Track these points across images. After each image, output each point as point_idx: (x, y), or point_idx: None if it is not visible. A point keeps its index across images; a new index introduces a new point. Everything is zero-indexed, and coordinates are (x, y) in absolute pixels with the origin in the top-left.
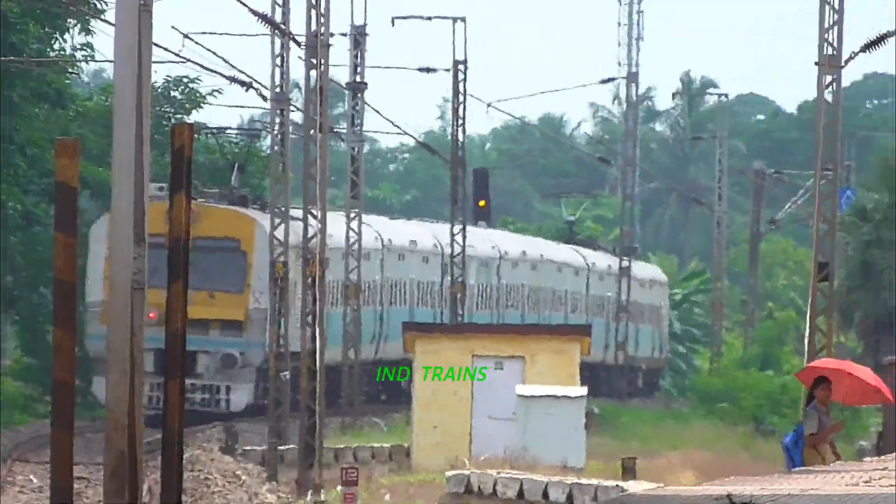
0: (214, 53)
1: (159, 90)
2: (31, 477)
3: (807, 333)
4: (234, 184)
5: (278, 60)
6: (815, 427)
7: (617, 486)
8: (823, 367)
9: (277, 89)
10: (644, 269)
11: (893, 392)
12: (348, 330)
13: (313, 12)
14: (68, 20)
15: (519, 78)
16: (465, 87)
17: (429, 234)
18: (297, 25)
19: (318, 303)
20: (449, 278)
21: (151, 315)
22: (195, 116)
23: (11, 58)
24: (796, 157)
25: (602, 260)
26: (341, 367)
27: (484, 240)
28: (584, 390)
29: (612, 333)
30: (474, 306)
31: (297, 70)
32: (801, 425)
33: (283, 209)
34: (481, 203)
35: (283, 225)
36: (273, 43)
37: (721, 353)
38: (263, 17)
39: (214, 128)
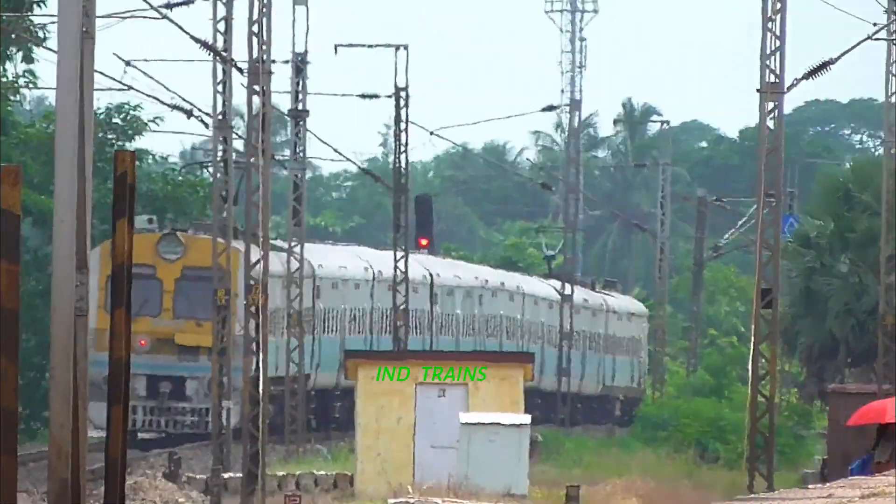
0: (156, 80)
1: (101, 117)
2: None
3: (750, 360)
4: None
5: (220, 87)
6: (886, 456)
7: None
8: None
9: (219, 116)
10: (622, 302)
11: (829, 420)
12: (292, 359)
13: (255, 39)
14: (10, 48)
15: (461, 105)
16: (407, 114)
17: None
18: (240, 52)
19: (260, 331)
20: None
21: (142, 342)
22: (137, 143)
23: None
24: (739, 184)
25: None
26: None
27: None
28: (527, 418)
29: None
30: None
31: (239, 97)
32: (870, 454)
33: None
34: (424, 242)
35: (225, 252)
36: (215, 70)
37: (664, 381)
38: (205, 45)
39: (160, 156)
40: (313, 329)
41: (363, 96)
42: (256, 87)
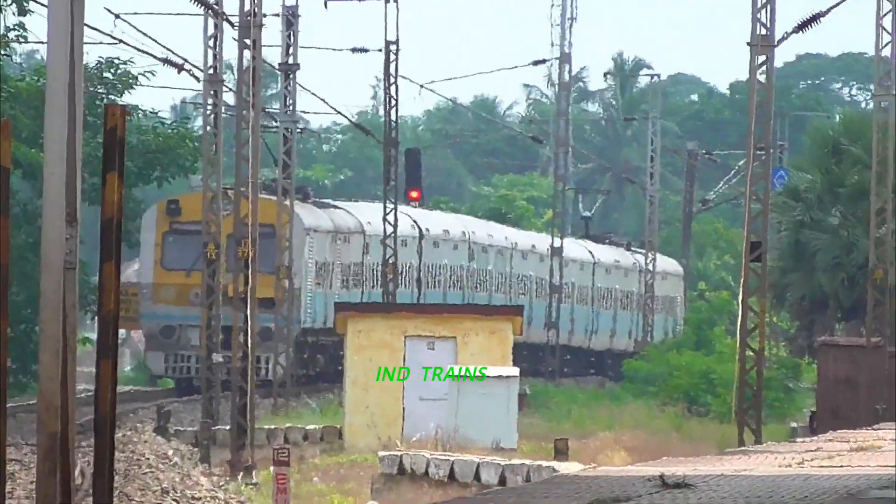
0: (146, 35)
1: (92, 71)
2: None
3: (739, 313)
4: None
5: (211, 41)
6: None
7: (549, 466)
8: None
9: (210, 70)
10: (663, 263)
11: (819, 374)
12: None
13: None
14: (2, 0)
15: (451, 59)
16: (397, 67)
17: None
18: (231, 6)
19: (248, 283)
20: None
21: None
22: (127, 98)
23: None
24: (729, 138)
25: (608, 254)
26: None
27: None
28: (515, 370)
29: (588, 317)
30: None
31: (229, 51)
32: None
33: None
34: (414, 195)
35: (215, 204)
36: (206, 24)
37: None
38: None
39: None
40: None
41: (353, 50)
42: (247, 41)
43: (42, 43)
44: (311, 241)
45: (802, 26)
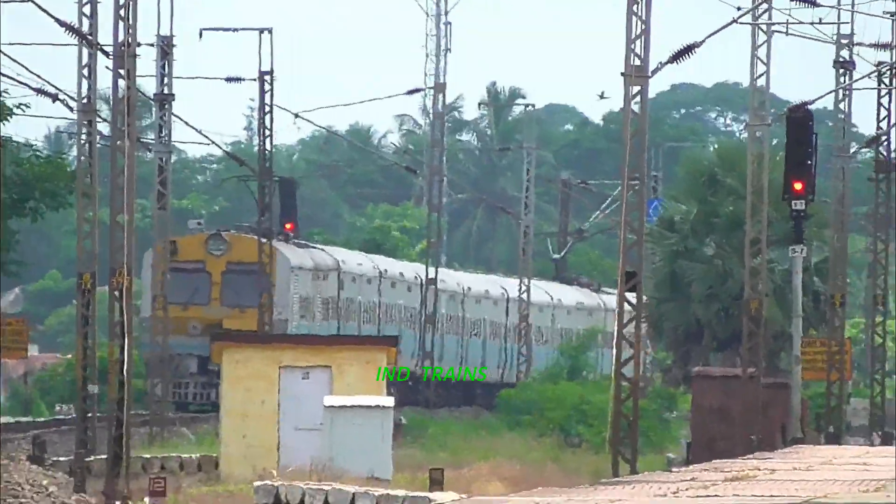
0: (21, 64)
1: None
2: None
3: (614, 344)
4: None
5: (85, 71)
6: None
7: (425, 497)
8: None
9: (84, 100)
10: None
11: (694, 404)
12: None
13: (121, 23)
14: None
15: (327, 89)
16: (272, 97)
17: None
18: (105, 35)
19: (124, 314)
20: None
21: (195, 327)
22: (1, 129)
23: None
24: (604, 167)
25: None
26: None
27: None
28: (390, 400)
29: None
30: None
31: (104, 80)
32: None
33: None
34: (288, 226)
35: (89, 238)
36: (80, 53)
37: (530, 364)
38: (70, 28)
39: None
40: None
41: (228, 80)
42: (122, 71)
43: None
44: (295, 278)
45: (677, 57)
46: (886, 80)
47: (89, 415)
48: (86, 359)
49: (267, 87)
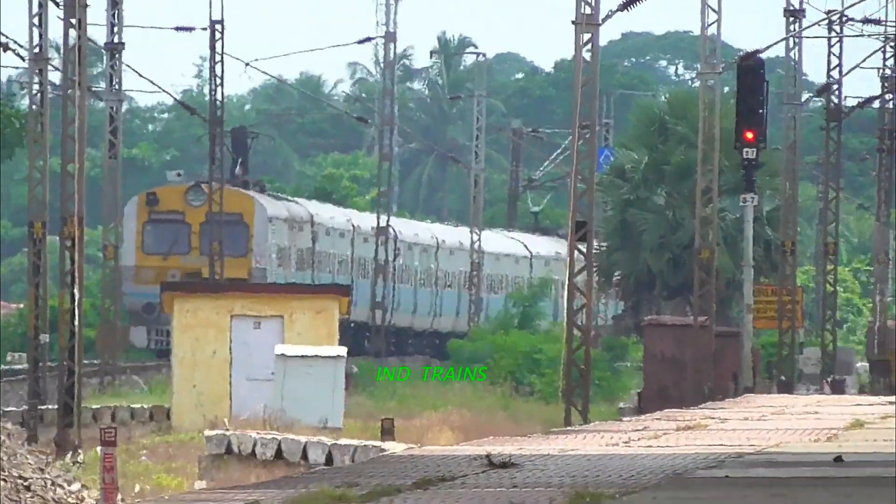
0: None
1: None
2: None
3: (565, 293)
4: (237, 171)
5: (36, 20)
6: None
7: (376, 446)
8: None
9: (36, 49)
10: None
11: (645, 353)
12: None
13: None
14: None
15: (277, 38)
16: (222, 46)
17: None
18: None
19: (75, 263)
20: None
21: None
22: None
23: None
24: (555, 116)
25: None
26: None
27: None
28: (343, 350)
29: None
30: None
31: (55, 30)
32: None
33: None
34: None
35: (40, 186)
36: (31, 3)
37: (481, 314)
38: None
39: None
40: None
41: (178, 29)
42: (73, 20)
43: None
44: (273, 228)
45: (627, 4)
46: (837, 28)
47: (41, 364)
48: (37, 308)
49: (217, 35)
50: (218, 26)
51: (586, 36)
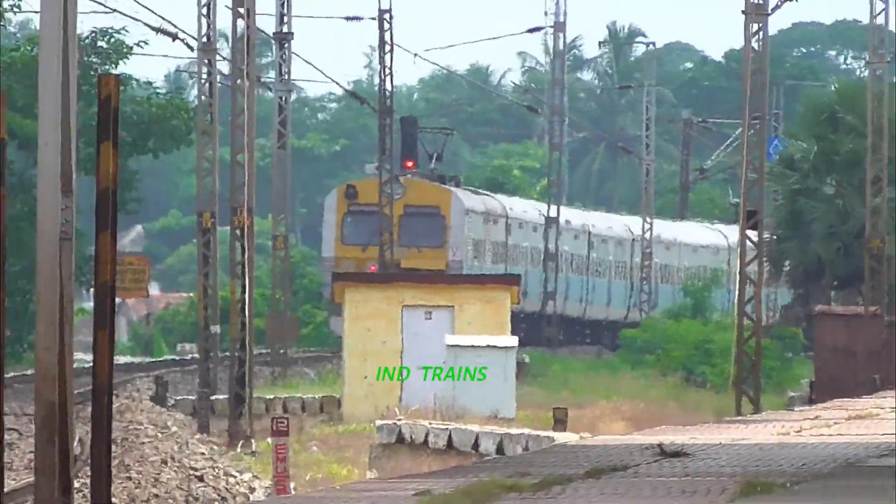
0: (140, 3)
1: (86, 41)
2: None
3: (737, 282)
4: (433, 165)
5: (205, 10)
6: None
7: (548, 436)
8: None
9: (204, 39)
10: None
11: (816, 343)
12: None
13: None
14: None
15: (446, 27)
16: (391, 36)
17: None
18: None
19: (245, 253)
20: None
21: (372, 268)
22: (122, 68)
23: None
24: (724, 106)
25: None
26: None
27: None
28: (514, 340)
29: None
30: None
31: (223, 20)
32: None
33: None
34: (409, 164)
35: (209, 177)
36: None
37: (654, 304)
38: None
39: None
40: None
41: (347, 18)
42: (241, 10)
43: (36, 12)
44: (469, 221)
45: None
46: None
47: (211, 354)
48: (206, 298)
49: (386, 26)
50: (387, 16)
51: (756, 26)
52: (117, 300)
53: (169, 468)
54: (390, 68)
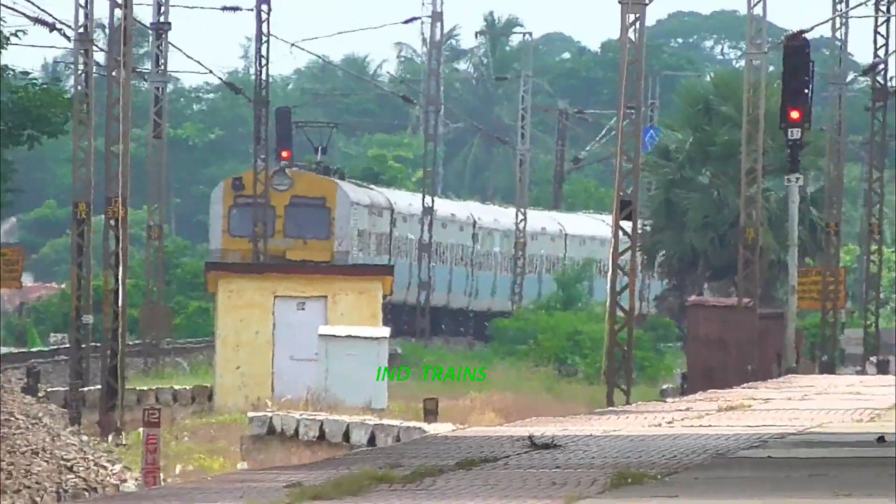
0: None
1: None
2: None
3: (609, 272)
4: (318, 158)
5: (82, 1)
6: None
7: (419, 427)
8: None
9: (81, 29)
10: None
11: (689, 334)
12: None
13: None
14: None
15: (323, 18)
16: (268, 26)
17: None
18: None
19: (120, 243)
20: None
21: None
22: None
23: None
24: (601, 97)
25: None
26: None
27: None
28: (386, 331)
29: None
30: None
31: (101, 10)
32: None
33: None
34: (285, 154)
35: (84, 167)
36: None
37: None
38: None
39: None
40: None
41: (224, 9)
42: (118, 0)
43: None
44: (354, 213)
45: None
46: (884, 8)
47: (83, 345)
48: (80, 288)
49: (263, 16)
50: (264, 6)
51: (633, 16)
52: None
53: (40, 459)
54: (266, 58)
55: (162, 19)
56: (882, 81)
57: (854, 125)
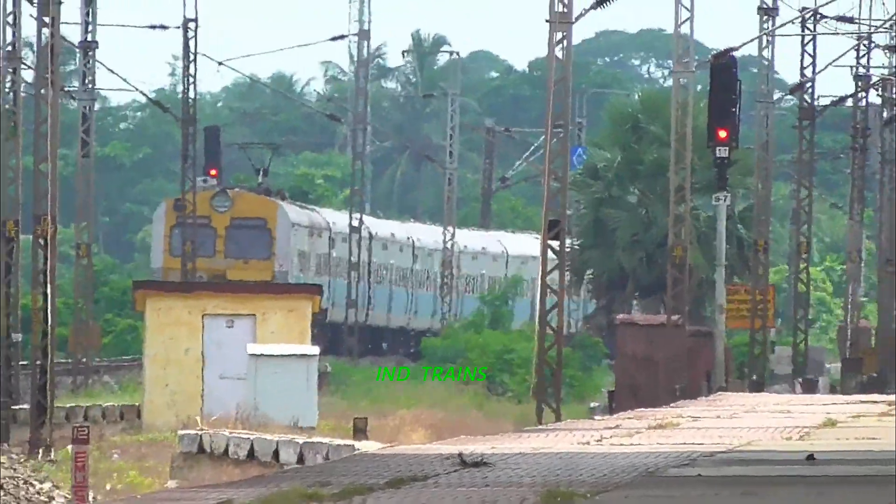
0: None
1: None
2: None
3: (538, 292)
4: (260, 179)
5: (10, 19)
6: None
7: (349, 445)
8: None
9: (9, 48)
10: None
11: (618, 352)
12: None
13: None
14: None
15: (251, 36)
16: (196, 44)
17: None
18: None
19: (48, 262)
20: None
21: (201, 278)
22: None
23: None
24: (529, 115)
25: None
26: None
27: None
28: (315, 349)
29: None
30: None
31: (28, 28)
32: None
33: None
34: (213, 173)
35: (13, 185)
36: (4, 1)
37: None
38: None
39: None
40: None
41: (152, 27)
42: (46, 18)
43: None
44: (295, 234)
45: (600, 2)
46: (810, 26)
47: (13, 363)
48: (9, 307)
49: (191, 34)
50: (191, 24)
51: (560, 34)
52: None
53: None
54: (194, 76)
55: (89, 37)
56: (809, 100)
57: (782, 143)
